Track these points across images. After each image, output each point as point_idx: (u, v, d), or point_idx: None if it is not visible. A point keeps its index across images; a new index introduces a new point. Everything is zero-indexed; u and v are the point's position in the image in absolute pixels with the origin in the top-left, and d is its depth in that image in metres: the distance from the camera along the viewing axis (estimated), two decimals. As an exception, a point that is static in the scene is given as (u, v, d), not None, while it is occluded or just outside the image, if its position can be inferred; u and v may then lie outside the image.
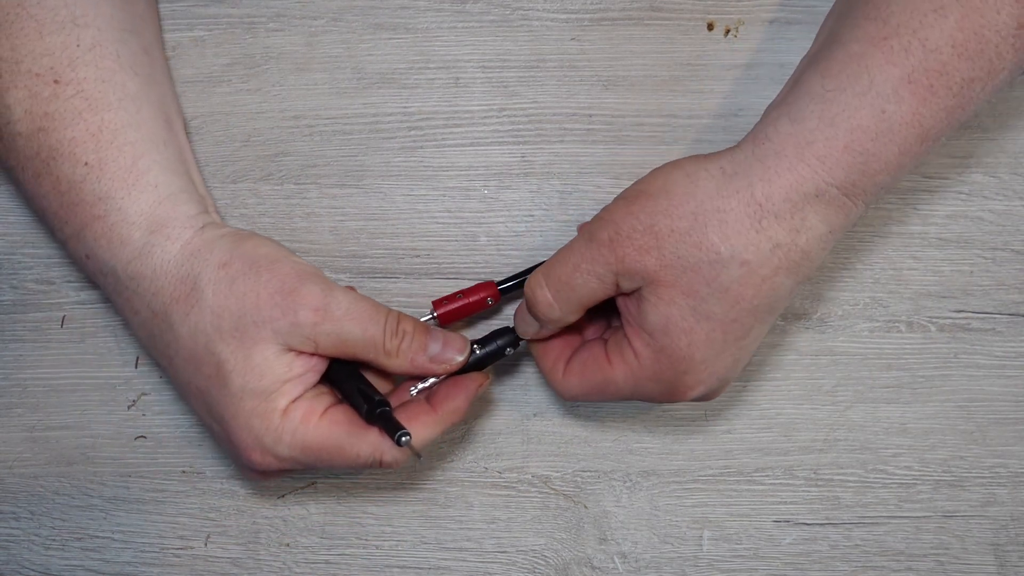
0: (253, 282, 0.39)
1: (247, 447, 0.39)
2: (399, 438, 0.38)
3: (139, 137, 0.41)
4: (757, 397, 0.50)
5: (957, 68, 0.35)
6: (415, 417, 0.41)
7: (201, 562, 0.50)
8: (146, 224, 0.40)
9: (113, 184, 0.39)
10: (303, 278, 0.39)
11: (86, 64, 0.40)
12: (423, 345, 0.41)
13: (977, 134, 0.49)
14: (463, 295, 0.45)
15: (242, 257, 0.39)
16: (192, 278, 0.39)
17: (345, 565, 0.50)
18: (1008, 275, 0.50)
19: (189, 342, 0.39)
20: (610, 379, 0.41)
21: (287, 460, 0.40)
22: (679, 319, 0.38)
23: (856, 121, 0.36)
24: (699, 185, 0.38)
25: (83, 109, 0.39)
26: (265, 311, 0.38)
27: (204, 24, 0.48)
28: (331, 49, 0.48)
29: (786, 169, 0.37)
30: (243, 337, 0.38)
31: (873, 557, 0.50)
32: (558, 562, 0.50)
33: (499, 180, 0.49)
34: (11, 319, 0.49)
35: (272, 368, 0.39)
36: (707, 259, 0.37)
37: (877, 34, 0.36)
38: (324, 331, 0.39)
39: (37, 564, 0.50)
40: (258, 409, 0.39)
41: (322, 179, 0.49)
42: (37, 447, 0.50)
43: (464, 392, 0.42)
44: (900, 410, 0.50)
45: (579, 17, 0.48)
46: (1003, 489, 0.50)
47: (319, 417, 0.39)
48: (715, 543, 0.50)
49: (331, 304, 0.39)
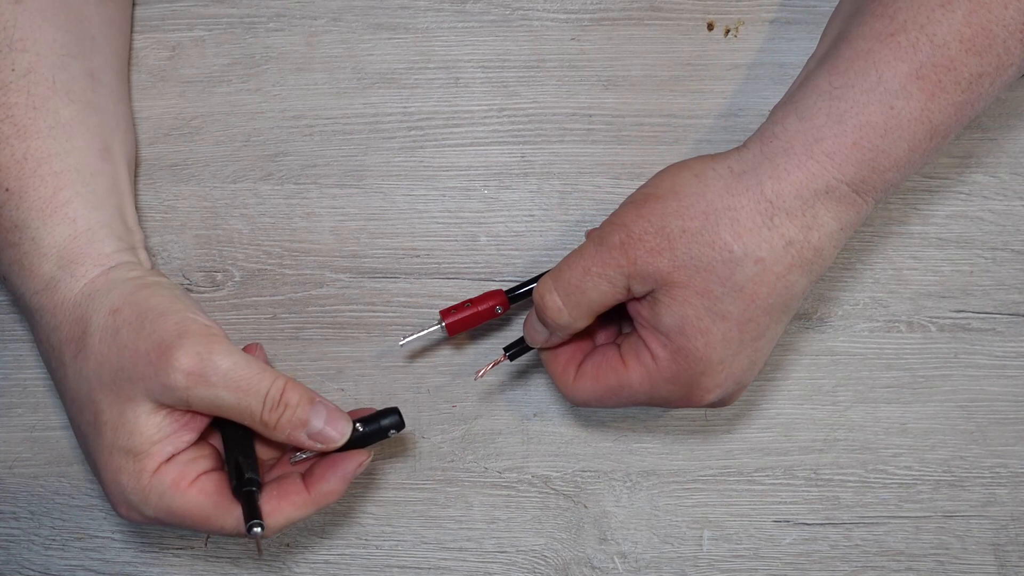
0: (135, 335, 0.37)
1: (115, 500, 0.39)
2: (250, 527, 0.36)
3: (64, 167, 0.40)
4: (757, 397, 0.50)
5: (965, 63, 0.35)
6: (286, 496, 0.39)
7: (201, 562, 0.50)
8: (56, 257, 0.39)
9: (31, 214, 0.39)
10: (184, 337, 0.37)
11: (18, 90, 0.39)
12: (303, 421, 0.39)
13: (977, 134, 0.49)
14: (472, 304, 0.44)
15: (132, 305, 0.38)
16: (84, 321, 0.38)
17: (345, 565, 0.50)
18: (1008, 275, 0.50)
19: (74, 385, 0.39)
20: (625, 382, 0.40)
21: (151, 519, 0.39)
22: (695, 319, 0.37)
23: (865, 117, 0.36)
24: (708, 184, 0.38)
25: (11, 135, 0.39)
26: (140, 367, 0.37)
27: (204, 24, 0.48)
28: (331, 49, 0.48)
29: (795, 166, 0.36)
30: (119, 392, 0.37)
31: (873, 557, 0.50)
32: (558, 562, 0.50)
33: (499, 180, 0.49)
34: (11, 319, 0.49)
35: (141, 428, 0.37)
36: (720, 258, 0.37)
37: (884, 30, 0.36)
38: (197, 395, 0.37)
39: (37, 564, 0.50)
40: (126, 467, 0.38)
41: (322, 179, 0.49)
42: (37, 447, 0.50)
43: (340, 473, 0.40)
44: (900, 410, 0.50)
45: (579, 17, 0.48)
46: (1003, 489, 0.50)
47: (188, 484, 0.38)
48: (715, 543, 0.50)
49: (207, 368, 0.37)
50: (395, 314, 0.49)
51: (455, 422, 0.50)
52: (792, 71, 0.48)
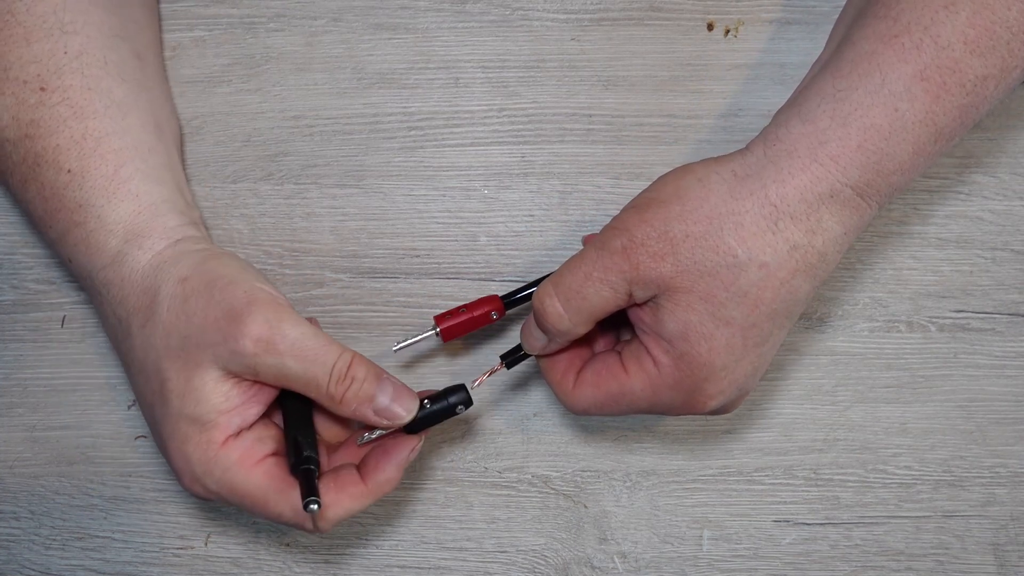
0: (204, 302, 0.38)
1: (179, 470, 0.39)
2: (307, 504, 0.36)
3: (123, 145, 0.40)
4: (757, 397, 0.50)
5: (970, 65, 0.35)
6: (343, 488, 0.39)
7: (201, 562, 0.50)
8: (123, 233, 0.40)
9: (94, 192, 0.39)
10: (254, 305, 0.37)
11: (72, 71, 0.40)
12: (369, 396, 0.39)
13: (977, 134, 0.49)
14: (467, 309, 0.43)
15: (201, 274, 0.39)
16: (153, 291, 0.39)
17: (345, 565, 0.50)
18: (1008, 275, 0.50)
19: (141, 355, 0.39)
20: (627, 389, 0.40)
21: (213, 494, 0.39)
22: (698, 324, 0.37)
23: (869, 120, 0.36)
24: (712, 189, 0.37)
25: (68, 117, 0.39)
26: (209, 334, 0.37)
27: (204, 24, 0.48)
28: (331, 49, 0.48)
29: (799, 169, 0.36)
30: (187, 359, 0.37)
31: (873, 557, 0.50)
32: (558, 562, 0.50)
33: (499, 180, 0.49)
34: (11, 319, 0.49)
35: (209, 396, 0.37)
36: (725, 263, 0.36)
37: (887, 32, 0.36)
38: (264, 363, 0.37)
39: (37, 564, 0.50)
40: (193, 437, 0.38)
41: (322, 179, 0.49)
42: (37, 447, 0.50)
43: (395, 461, 0.40)
44: (900, 410, 0.50)
45: (579, 17, 0.48)
46: (1003, 489, 0.50)
47: (254, 463, 0.38)
48: (715, 543, 0.50)
49: (275, 336, 0.37)
50: (395, 314, 0.49)
51: (455, 422, 0.50)
52: (792, 71, 0.48)
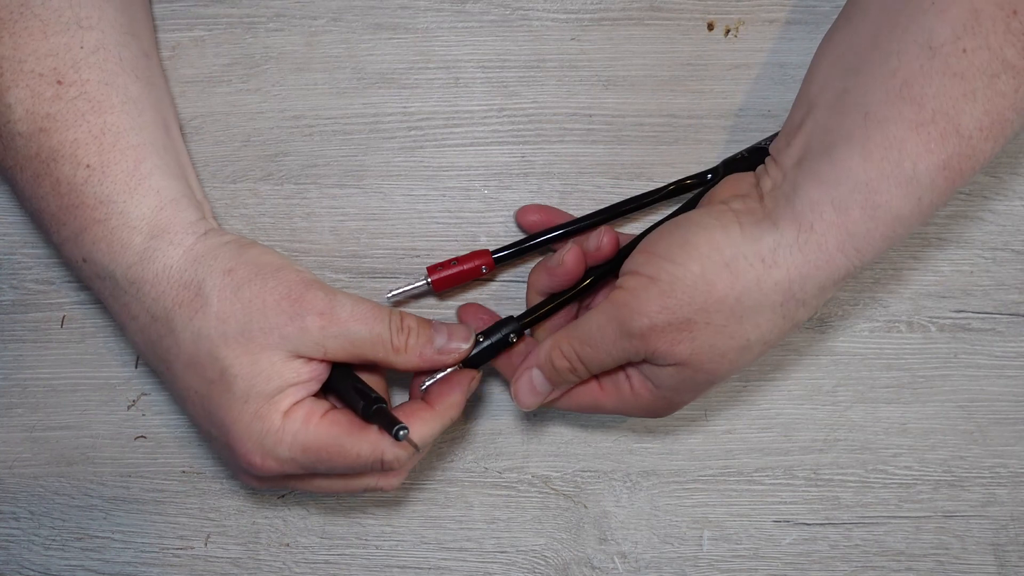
0: (259, 288, 0.39)
1: (247, 450, 0.39)
2: (397, 432, 0.38)
3: (141, 141, 0.41)
4: (757, 397, 0.50)
5: (982, 150, 0.36)
6: (414, 414, 0.41)
7: (201, 562, 0.50)
8: (148, 229, 0.40)
9: (115, 187, 0.39)
10: (307, 285, 0.40)
11: (90, 66, 0.40)
12: (429, 338, 0.42)
13: (977, 134, 0.49)
14: (458, 262, 0.46)
15: (247, 264, 0.40)
16: (196, 283, 0.39)
17: (345, 565, 0.50)
18: (1008, 275, 0.50)
19: (191, 347, 0.39)
20: (599, 403, 0.43)
21: (287, 462, 0.40)
22: (692, 385, 0.40)
23: (896, 211, 0.36)
24: (739, 278, 0.38)
25: (86, 111, 0.39)
26: (272, 317, 0.39)
27: (204, 24, 0.48)
28: (331, 49, 0.48)
29: (825, 262, 0.37)
30: (249, 343, 0.39)
31: (873, 557, 0.50)
32: (558, 562, 0.50)
33: (499, 180, 0.49)
34: (11, 319, 0.49)
35: (280, 373, 0.39)
36: (736, 345, 0.39)
37: (915, 118, 0.36)
38: (332, 334, 0.39)
39: (37, 564, 0.50)
40: (261, 411, 0.39)
41: (322, 179, 0.48)
42: (37, 447, 0.50)
43: (459, 387, 0.42)
44: (900, 410, 0.50)
45: (579, 17, 0.48)
46: (1003, 489, 0.50)
47: (320, 417, 0.40)
48: (715, 543, 0.50)
49: (336, 308, 0.39)
50: (395, 314, 0.49)
51: (455, 422, 0.49)
52: (792, 71, 0.48)
